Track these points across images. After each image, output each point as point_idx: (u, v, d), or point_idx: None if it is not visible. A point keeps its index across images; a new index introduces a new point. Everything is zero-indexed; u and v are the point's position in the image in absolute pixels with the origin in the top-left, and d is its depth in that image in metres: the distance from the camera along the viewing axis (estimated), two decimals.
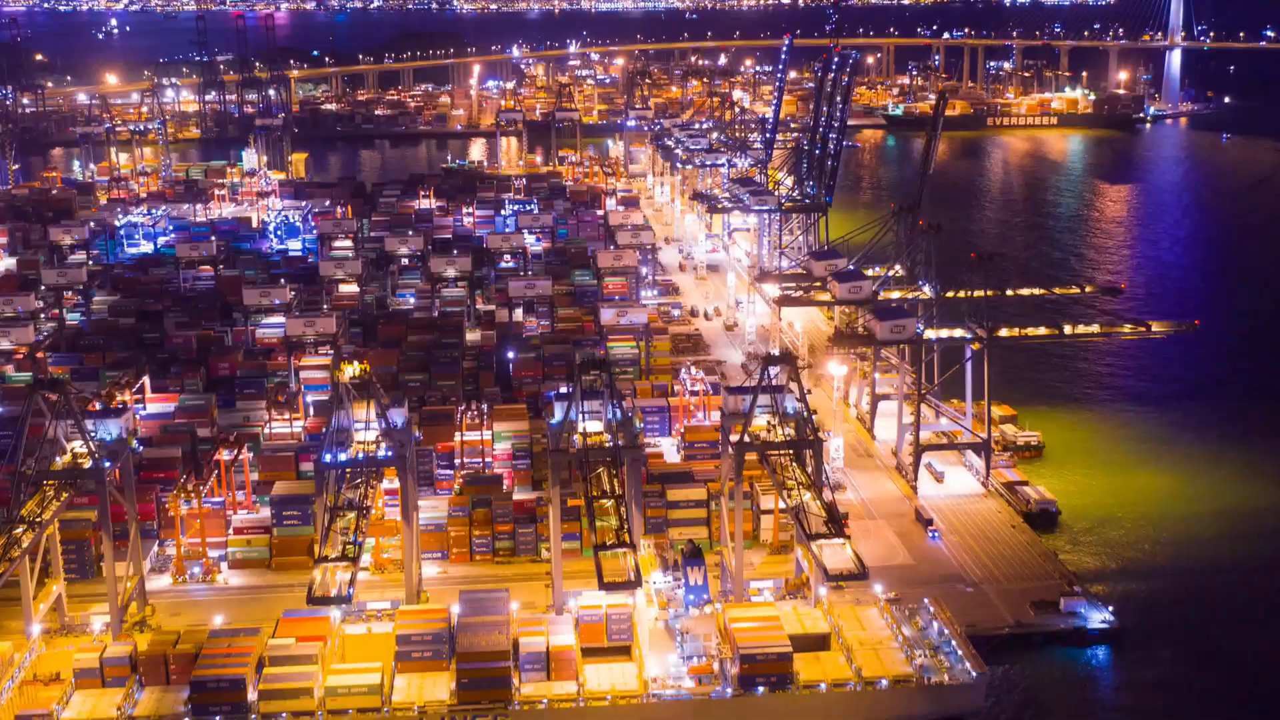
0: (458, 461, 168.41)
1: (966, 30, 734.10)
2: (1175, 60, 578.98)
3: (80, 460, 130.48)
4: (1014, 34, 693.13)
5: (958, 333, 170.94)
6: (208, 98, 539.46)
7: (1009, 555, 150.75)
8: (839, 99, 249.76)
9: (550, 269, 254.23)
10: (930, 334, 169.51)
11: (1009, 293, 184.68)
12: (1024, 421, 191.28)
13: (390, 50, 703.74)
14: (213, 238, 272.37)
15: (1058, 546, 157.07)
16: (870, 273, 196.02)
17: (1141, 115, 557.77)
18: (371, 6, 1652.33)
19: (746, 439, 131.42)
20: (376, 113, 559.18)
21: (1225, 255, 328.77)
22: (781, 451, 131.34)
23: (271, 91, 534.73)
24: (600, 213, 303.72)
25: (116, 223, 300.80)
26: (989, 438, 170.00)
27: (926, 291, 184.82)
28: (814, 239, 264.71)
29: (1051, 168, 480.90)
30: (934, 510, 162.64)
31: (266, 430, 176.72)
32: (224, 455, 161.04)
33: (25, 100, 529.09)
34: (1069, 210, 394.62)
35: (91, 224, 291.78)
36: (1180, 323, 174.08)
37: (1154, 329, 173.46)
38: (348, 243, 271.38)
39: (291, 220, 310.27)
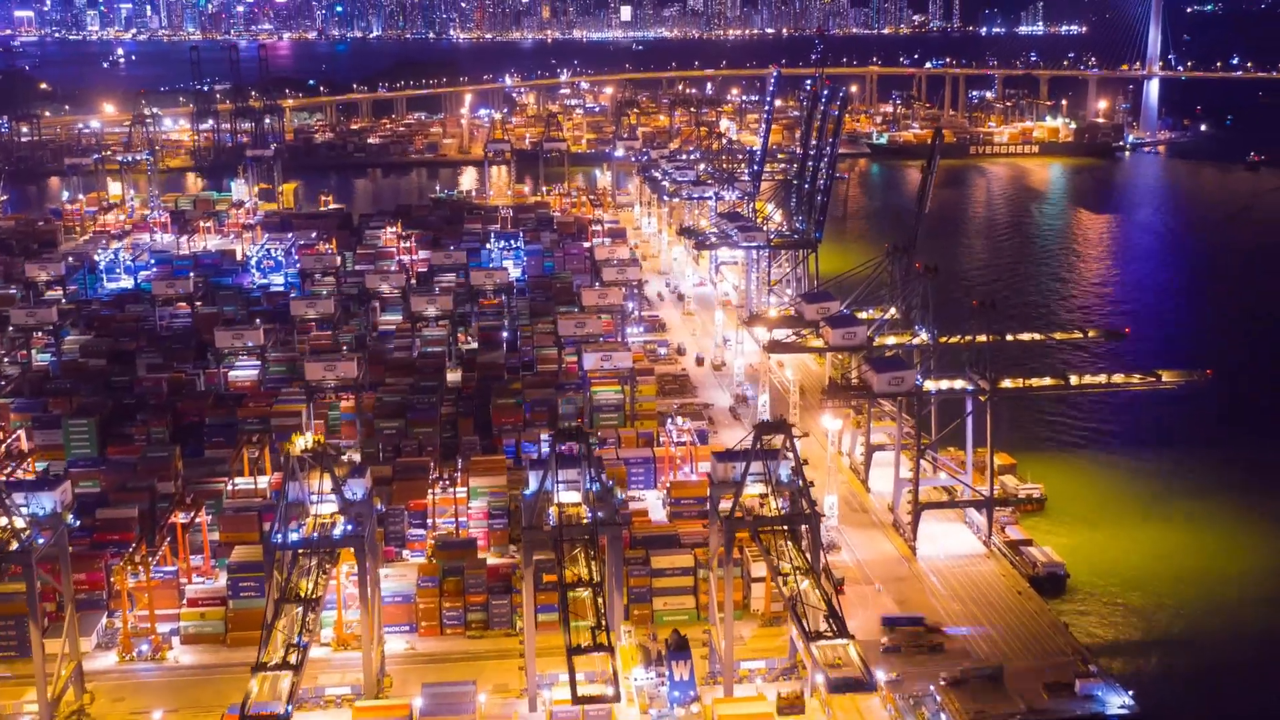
0: (430, 521, 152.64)
1: (948, 60, 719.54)
2: (1153, 89, 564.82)
3: (5, 539, 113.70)
4: (991, 63, 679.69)
5: (958, 384, 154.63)
6: (202, 127, 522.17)
7: (1017, 627, 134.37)
8: (828, 132, 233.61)
9: (533, 306, 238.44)
10: (930, 385, 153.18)
11: (1009, 338, 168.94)
12: (1024, 471, 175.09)
13: (385, 79, 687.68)
14: (191, 274, 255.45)
15: (1068, 616, 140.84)
16: (864, 315, 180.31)
17: (1121, 144, 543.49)
18: (371, 36, 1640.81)
19: (737, 513, 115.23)
20: (369, 141, 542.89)
21: (1222, 289, 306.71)
22: (775, 527, 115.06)
23: (267, 120, 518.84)
24: (586, 245, 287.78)
25: (96, 256, 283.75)
26: (991, 495, 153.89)
27: (924, 337, 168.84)
28: (802, 273, 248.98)
29: (1036, 196, 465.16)
30: (934, 572, 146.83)
31: (229, 486, 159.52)
32: (179, 518, 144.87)
33: (24, 129, 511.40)
34: (1058, 242, 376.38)
35: (70, 258, 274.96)
36: (1191, 372, 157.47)
37: (1165, 379, 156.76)
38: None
39: (275, 254, 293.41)
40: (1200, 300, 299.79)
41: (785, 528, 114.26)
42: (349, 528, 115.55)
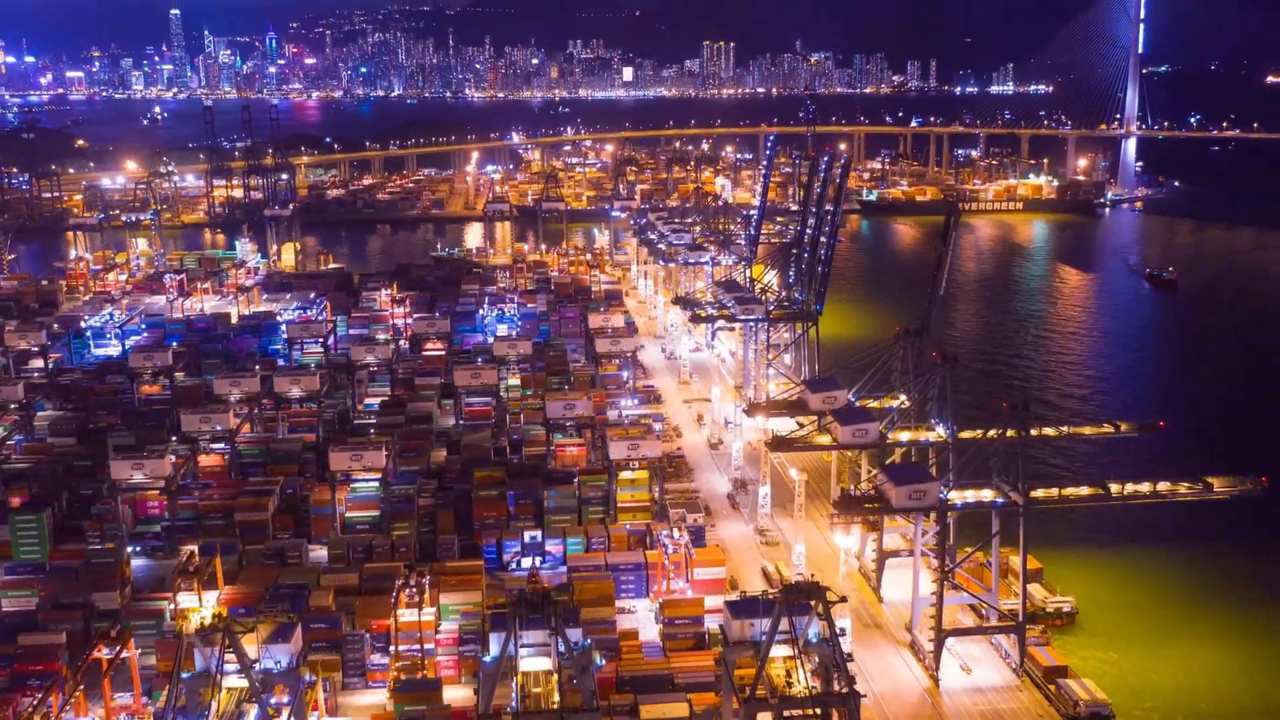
0: (393, 648, 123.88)
1: (932, 119, 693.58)
2: (1131, 148, 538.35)
3: None
4: (967, 120, 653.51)
5: (985, 494, 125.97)
6: (217, 182, 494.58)
7: None
8: (829, 201, 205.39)
9: (525, 378, 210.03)
10: (955, 497, 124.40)
11: (1033, 432, 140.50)
12: (1051, 577, 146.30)
13: (397, 137, 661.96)
14: (174, 342, 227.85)
15: None
16: (873, 404, 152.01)
17: (1102, 200, 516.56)
18: (392, 95, 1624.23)
19: (759, 687, 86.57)
20: (378, 198, 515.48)
21: (1241, 361, 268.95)
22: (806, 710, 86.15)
23: (284, 177, 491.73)
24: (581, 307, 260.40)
25: (83, 322, 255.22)
26: (1024, 620, 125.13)
27: (940, 433, 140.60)
28: (802, 341, 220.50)
29: (1023, 253, 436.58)
30: (962, 714, 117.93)
31: (171, 607, 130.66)
32: (103, 653, 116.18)
33: (44, 185, 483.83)
34: (1056, 305, 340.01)
35: (55, 324, 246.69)
36: (1244, 479, 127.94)
37: (1216, 488, 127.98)
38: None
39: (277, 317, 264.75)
40: (1217, 369, 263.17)
41: (817, 711, 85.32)
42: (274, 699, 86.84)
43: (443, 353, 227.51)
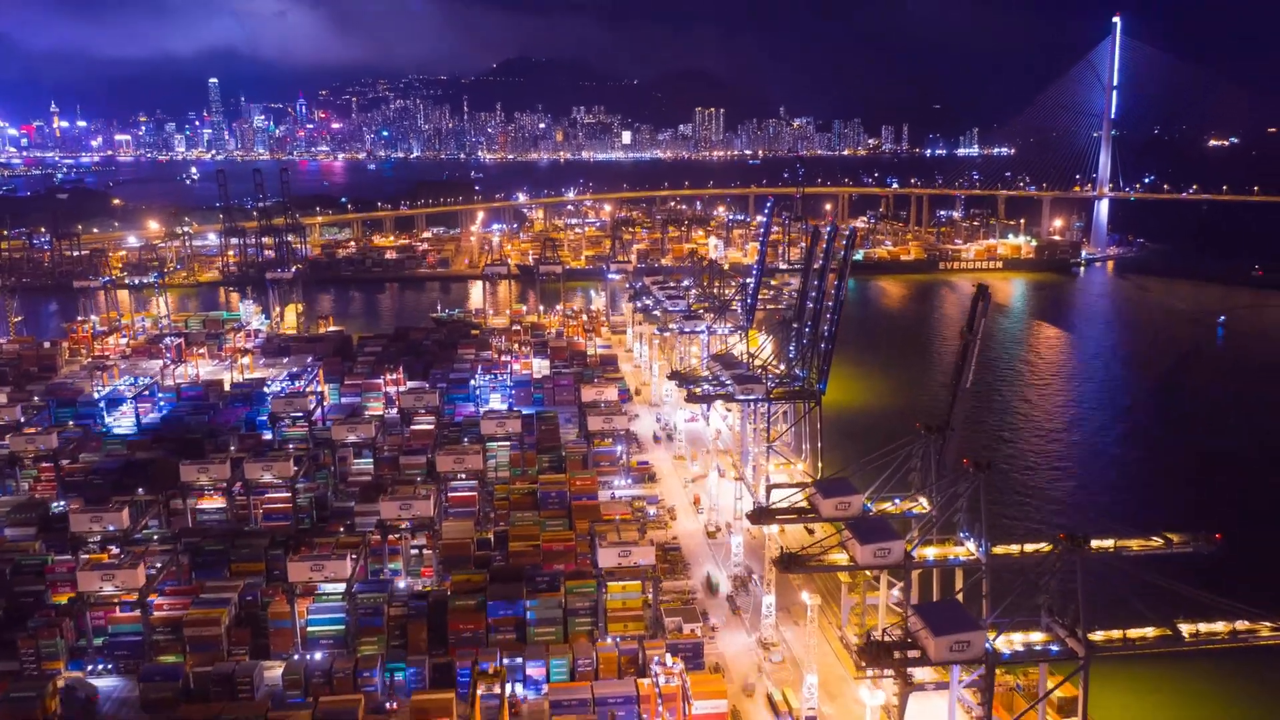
0: None
1: (914, 180, 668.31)
2: (1103, 209, 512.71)
3: None
4: (939, 181, 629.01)
5: (1035, 638, 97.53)
6: (232, 241, 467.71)
7: None
8: (835, 276, 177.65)
9: (514, 457, 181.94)
10: (1003, 645, 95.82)
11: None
12: (1094, 705, 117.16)
13: (408, 197, 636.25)
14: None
15: None
16: (889, 506, 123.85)
17: (1078, 260, 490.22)
18: (411, 157, 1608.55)
19: None
20: (386, 257, 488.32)
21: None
22: None
23: (290, 236, 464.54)
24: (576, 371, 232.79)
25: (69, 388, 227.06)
26: None
27: (971, 549, 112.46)
28: (805, 421, 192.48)
29: (1005, 312, 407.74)
30: None
31: None
32: None
33: (65, 245, 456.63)
34: (1043, 369, 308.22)
35: (35, 397, 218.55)
36: None
37: None
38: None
39: (269, 385, 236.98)
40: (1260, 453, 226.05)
41: None
42: None
43: (431, 426, 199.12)
